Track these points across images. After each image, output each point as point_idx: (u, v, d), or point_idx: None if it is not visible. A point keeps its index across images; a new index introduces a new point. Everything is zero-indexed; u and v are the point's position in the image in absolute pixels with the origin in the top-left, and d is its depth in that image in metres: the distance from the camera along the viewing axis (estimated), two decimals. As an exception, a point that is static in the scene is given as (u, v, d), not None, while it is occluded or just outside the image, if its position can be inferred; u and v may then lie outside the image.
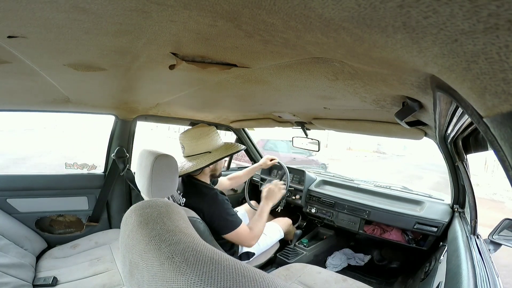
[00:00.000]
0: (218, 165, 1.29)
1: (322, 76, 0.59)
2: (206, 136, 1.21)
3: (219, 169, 1.33)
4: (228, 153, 1.21)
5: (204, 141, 1.21)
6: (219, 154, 1.20)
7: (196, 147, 1.20)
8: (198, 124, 1.28)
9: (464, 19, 0.19)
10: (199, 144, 1.20)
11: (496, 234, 0.96)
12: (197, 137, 1.21)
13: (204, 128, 1.24)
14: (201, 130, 1.22)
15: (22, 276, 1.08)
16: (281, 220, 1.72)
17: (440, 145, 1.09)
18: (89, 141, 10.91)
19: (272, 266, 1.61)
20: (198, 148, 1.20)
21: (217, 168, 1.30)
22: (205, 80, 0.78)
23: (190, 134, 1.22)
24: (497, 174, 10.74)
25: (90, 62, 0.63)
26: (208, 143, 1.21)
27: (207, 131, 1.23)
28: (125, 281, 0.47)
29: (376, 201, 1.61)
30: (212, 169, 1.28)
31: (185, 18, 0.36)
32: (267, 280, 0.32)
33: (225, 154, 1.20)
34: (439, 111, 0.56)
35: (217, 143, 1.24)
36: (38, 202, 1.47)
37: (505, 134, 0.24)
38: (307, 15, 0.29)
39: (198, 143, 1.20)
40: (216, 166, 1.29)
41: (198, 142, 1.20)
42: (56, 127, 16.30)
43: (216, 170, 1.30)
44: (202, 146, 1.20)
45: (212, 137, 1.23)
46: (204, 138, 1.21)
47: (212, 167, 1.27)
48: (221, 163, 1.32)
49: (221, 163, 1.32)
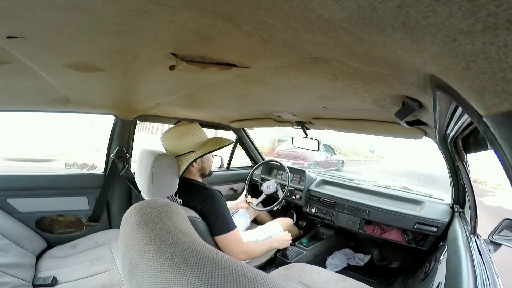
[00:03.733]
0: (204, 163, 1.22)
1: (322, 76, 0.59)
2: (187, 135, 1.13)
3: (208, 167, 1.25)
4: (211, 149, 1.12)
5: (185, 140, 1.13)
6: (201, 152, 1.12)
7: (178, 147, 1.13)
8: (179, 123, 1.19)
9: (463, 19, 0.20)
10: (181, 143, 1.13)
11: (496, 234, 0.95)
12: (177, 137, 1.13)
13: (185, 126, 1.15)
14: (181, 129, 1.14)
15: (22, 276, 1.08)
16: (282, 220, 1.72)
17: (440, 145, 1.08)
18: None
19: (272, 266, 1.61)
20: (180, 148, 1.13)
21: (204, 167, 1.23)
22: (205, 80, 0.78)
23: (171, 134, 1.15)
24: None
25: (90, 62, 0.63)
26: (190, 142, 1.13)
27: (188, 130, 1.14)
28: (125, 281, 0.47)
29: (376, 201, 1.61)
30: (199, 168, 1.21)
31: (185, 18, 0.36)
32: (267, 280, 0.32)
33: (208, 150, 1.12)
34: (439, 110, 0.56)
35: (200, 140, 1.16)
36: (38, 202, 1.47)
37: (505, 133, 0.24)
38: (306, 15, 0.29)
39: (180, 142, 1.13)
40: (203, 164, 1.22)
41: (180, 141, 1.13)
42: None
43: (204, 168, 1.23)
44: (184, 145, 1.13)
45: (194, 135, 1.15)
46: (185, 137, 1.13)
47: (199, 166, 1.20)
48: (209, 160, 1.25)
49: (208, 161, 1.24)
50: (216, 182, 2.11)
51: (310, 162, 7.97)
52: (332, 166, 8.97)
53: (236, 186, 2.30)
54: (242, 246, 1.13)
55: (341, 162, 9.82)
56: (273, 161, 2.20)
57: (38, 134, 11.62)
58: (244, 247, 1.14)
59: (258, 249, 1.24)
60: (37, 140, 10.24)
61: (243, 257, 1.15)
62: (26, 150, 7.73)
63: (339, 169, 9.33)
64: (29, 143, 9.27)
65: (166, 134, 1.16)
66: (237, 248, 1.11)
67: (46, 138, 11.11)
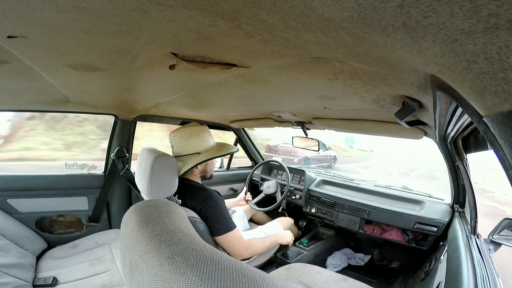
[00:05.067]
0: (208, 166, 1.24)
1: (322, 76, 0.59)
2: (196, 136, 1.15)
3: (210, 171, 1.27)
4: (217, 154, 1.14)
5: (193, 141, 1.14)
6: (208, 155, 1.13)
7: (186, 147, 1.14)
8: (189, 123, 1.21)
9: (464, 19, 0.19)
10: (189, 144, 1.14)
11: (496, 233, 0.95)
12: (186, 137, 1.14)
13: (195, 127, 1.17)
14: (191, 129, 1.16)
15: (22, 276, 1.08)
16: (282, 220, 1.72)
17: (440, 145, 1.09)
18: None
19: (272, 266, 1.61)
20: (187, 149, 1.14)
21: (207, 170, 1.24)
22: (205, 80, 0.78)
23: (180, 133, 1.15)
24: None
25: (90, 62, 0.63)
26: (197, 144, 1.14)
27: (198, 131, 1.16)
28: (125, 281, 0.47)
29: (376, 201, 1.61)
30: (201, 170, 1.22)
31: (185, 18, 0.36)
32: (267, 280, 0.32)
33: (214, 155, 1.14)
34: (439, 110, 0.56)
35: (208, 144, 1.17)
36: (38, 202, 1.47)
37: (505, 134, 0.24)
38: (307, 15, 0.29)
39: (188, 143, 1.14)
40: (206, 167, 1.23)
41: (188, 142, 1.14)
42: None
43: (206, 171, 1.24)
44: (192, 146, 1.14)
45: (203, 137, 1.16)
46: (194, 138, 1.14)
47: (202, 168, 1.22)
48: (212, 164, 1.27)
49: (211, 165, 1.26)
50: (216, 182, 2.11)
51: (300, 157, 7.85)
52: (323, 162, 8.84)
53: (236, 186, 2.31)
54: (244, 243, 1.14)
55: (332, 157, 9.54)
56: (273, 161, 2.20)
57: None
58: (247, 244, 1.15)
59: (260, 245, 1.24)
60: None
61: (247, 254, 1.16)
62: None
63: (331, 165, 9.15)
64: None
65: (176, 133, 1.17)
66: (240, 246, 1.12)
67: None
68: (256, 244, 1.21)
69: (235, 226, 1.13)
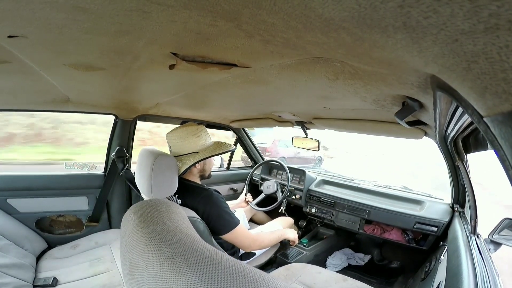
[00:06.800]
0: (206, 165, 1.25)
1: (323, 76, 0.59)
2: (194, 136, 1.16)
3: (208, 170, 1.28)
4: (215, 153, 1.16)
5: (191, 141, 1.15)
6: (205, 154, 1.15)
7: (183, 147, 1.15)
8: (187, 123, 1.22)
9: (464, 19, 0.19)
10: (186, 144, 1.15)
11: (496, 233, 0.95)
12: (184, 137, 1.15)
13: (192, 127, 1.18)
14: (188, 129, 1.17)
15: (22, 277, 1.08)
16: (283, 219, 1.72)
17: (440, 145, 1.09)
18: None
19: (272, 266, 1.61)
20: (185, 148, 1.15)
21: (205, 169, 1.25)
22: (205, 80, 0.78)
23: (177, 133, 1.17)
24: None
25: (90, 62, 0.63)
26: (195, 143, 1.16)
27: (195, 131, 1.17)
28: (125, 281, 0.47)
29: (376, 201, 1.61)
30: (200, 170, 1.23)
31: (185, 18, 0.36)
32: (267, 280, 0.32)
33: (212, 154, 1.15)
34: (439, 110, 0.56)
35: (205, 143, 1.18)
36: (38, 202, 1.47)
37: (506, 134, 0.24)
38: (307, 15, 0.29)
39: (185, 142, 1.15)
40: (204, 166, 1.24)
41: (185, 141, 1.15)
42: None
43: (205, 171, 1.26)
44: (189, 146, 1.15)
45: (200, 137, 1.17)
46: (192, 137, 1.15)
47: (200, 168, 1.23)
48: (210, 163, 1.28)
49: (210, 163, 1.27)
50: (216, 182, 2.11)
51: (275, 158, 7.42)
52: (304, 163, 7.70)
53: (236, 186, 2.31)
54: (252, 236, 1.17)
55: (317, 158, 8.71)
56: (273, 161, 2.20)
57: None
58: (254, 236, 1.18)
59: (268, 237, 1.26)
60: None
61: (256, 246, 1.19)
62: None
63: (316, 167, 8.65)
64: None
65: (173, 133, 1.18)
66: (247, 239, 1.15)
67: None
68: (263, 237, 1.23)
69: (239, 221, 1.15)
